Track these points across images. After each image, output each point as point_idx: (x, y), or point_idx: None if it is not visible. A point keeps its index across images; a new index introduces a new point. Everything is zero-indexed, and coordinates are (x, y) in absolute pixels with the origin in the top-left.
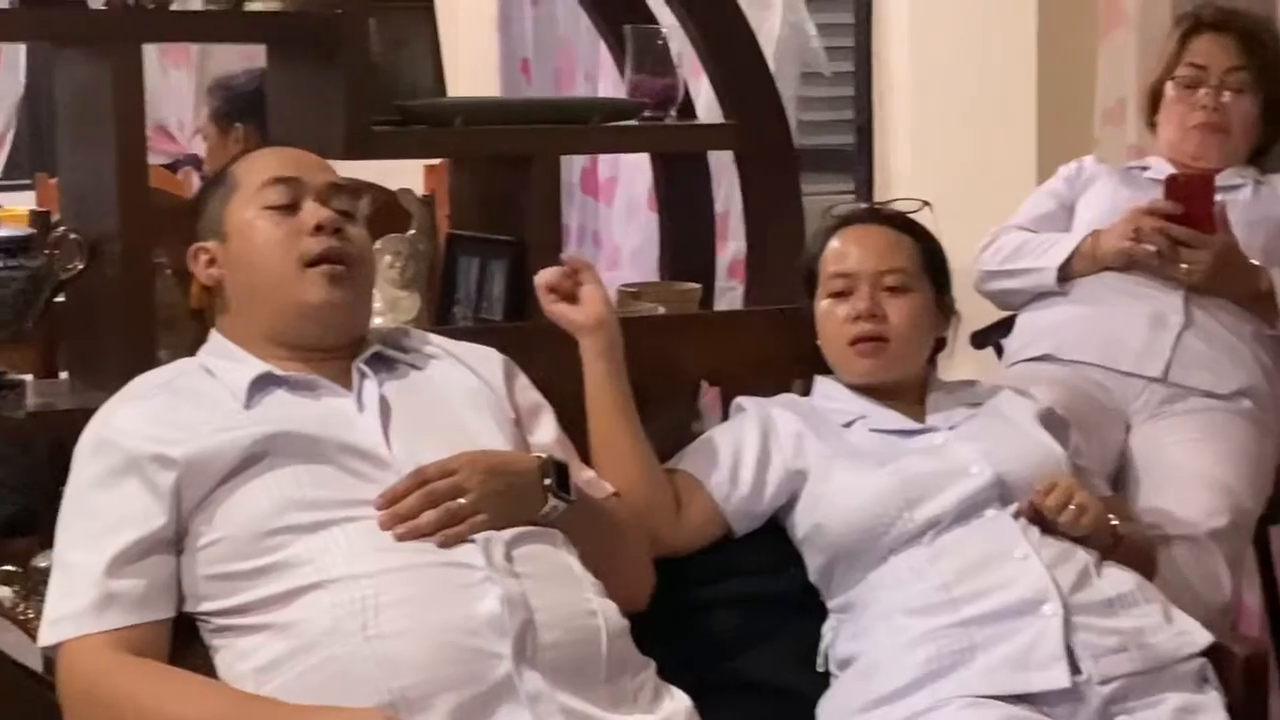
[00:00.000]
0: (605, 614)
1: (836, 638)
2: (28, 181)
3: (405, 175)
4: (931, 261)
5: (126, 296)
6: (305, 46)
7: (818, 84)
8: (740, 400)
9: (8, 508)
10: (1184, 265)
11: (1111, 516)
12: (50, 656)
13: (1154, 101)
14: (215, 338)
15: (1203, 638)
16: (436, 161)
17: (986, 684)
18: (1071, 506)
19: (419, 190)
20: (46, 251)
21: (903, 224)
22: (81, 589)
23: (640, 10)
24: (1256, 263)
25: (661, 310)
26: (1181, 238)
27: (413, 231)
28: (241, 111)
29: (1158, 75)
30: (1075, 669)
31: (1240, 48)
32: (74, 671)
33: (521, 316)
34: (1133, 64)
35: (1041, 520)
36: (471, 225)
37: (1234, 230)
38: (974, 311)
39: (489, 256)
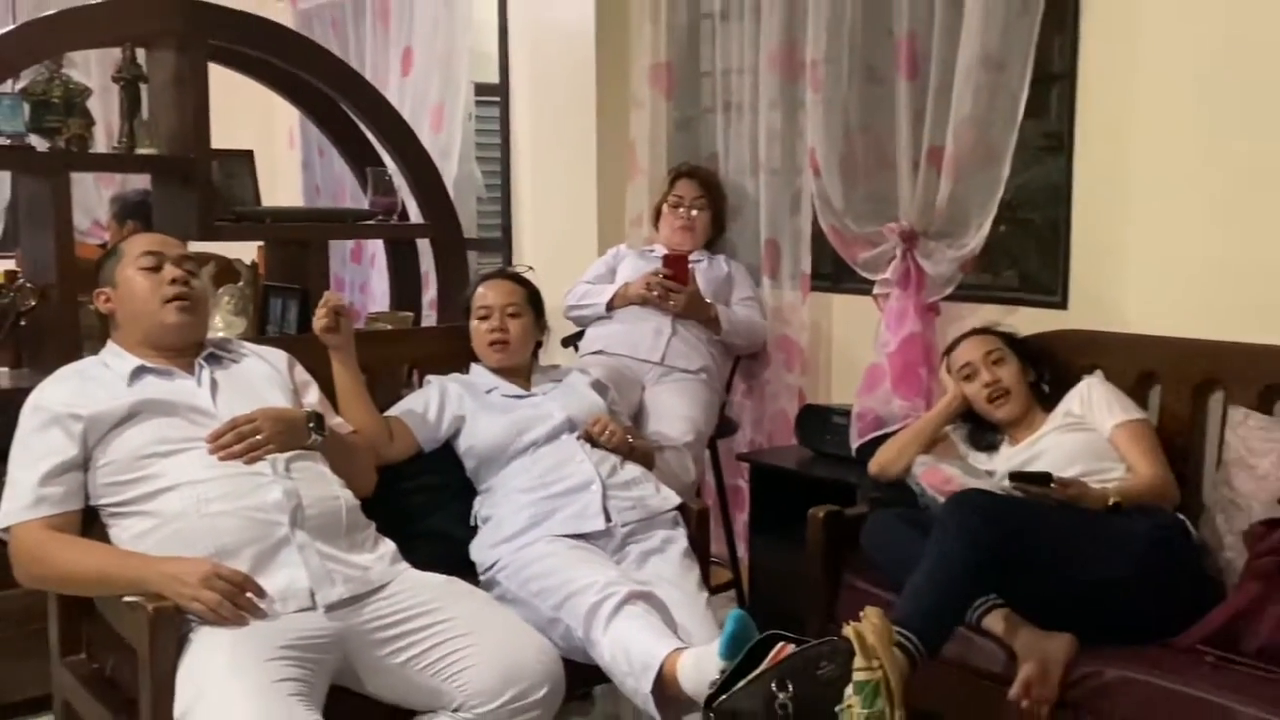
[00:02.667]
0: (344, 498)
1: (481, 507)
2: (11, 254)
3: (243, 250)
4: (533, 299)
5: (60, 321)
6: (174, 175)
7: (482, 203)
8: (429, 376)
9: None
10: (671, 302)
11: (630, 436)
12: (2, 538)
13: (656, 214)
14: (110, 344)
15: (675, 500)
16: (259, 242)
17: (561, 528)
18: (607, 432)
19: (249, 259)
20: (12, 294)
21: (518, 279)
22: (23, 494)
23: (376, 159)
24: (709, 301)
25: (389, 326)
26: (670, 287)
27: (242, 283)
28: (130, 213)
29: (658, 200)
30: (608, 519)
31: (701, 186)
32: (18, 543)
33: (303, 331)
34: (645, 194)
35: (592, 440)
36: (277, 279)
37: (697, 283)
38: (563, 326)
39: (287, 298)
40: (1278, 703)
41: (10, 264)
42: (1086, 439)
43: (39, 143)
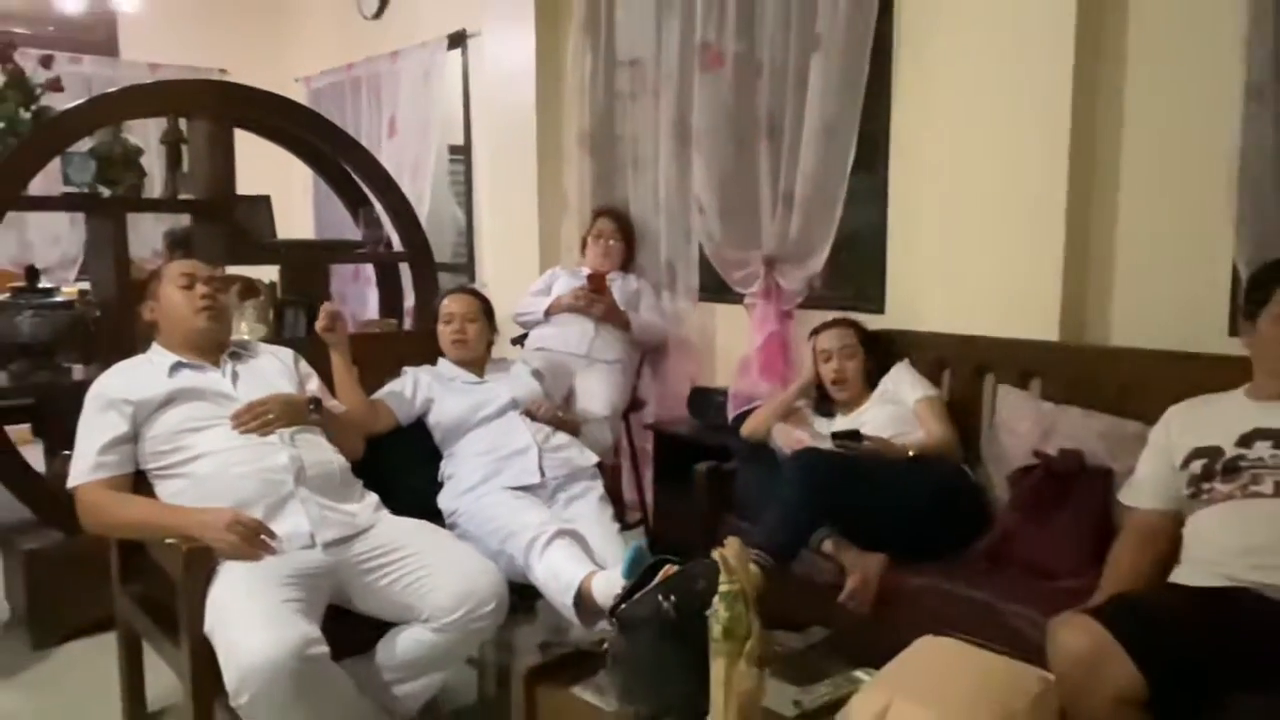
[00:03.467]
0: (338, 461)
1: (446, 467)
2: (85, 277)
3: (267, 272)
4: (486, 309)
5: (118, 328)
6: (208, 215)
7: (459, 235)
8: (405, 368)
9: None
10: (594, 309)
11: (559, 412)
12: (71, 491)
13: (583, 244)
14: (155, 345)
15: (593, 459)
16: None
17: (506, 482)
18: (542, 409)
19: (271, 278)
20: (83, 307)
21: (474, 293)
22: (85, 461)
23: (367, 202)
24: (623, 308)
25: (378, 330)
26: (593, 299)
27: (263, 297)
28: (177, 244)
29: (584, 233)
30: (543, 474)
31: (616, 222)
32: (83, 499)
33: (310, 333)
34: (575, 228)
35: (531, 415)
36: (290, 294)
37: (614, 295)
38: (514, 329)
39: (298, 308)
40: (1029, 599)
41: (84, 285)
42: (896, 410)
43: (103, 191)
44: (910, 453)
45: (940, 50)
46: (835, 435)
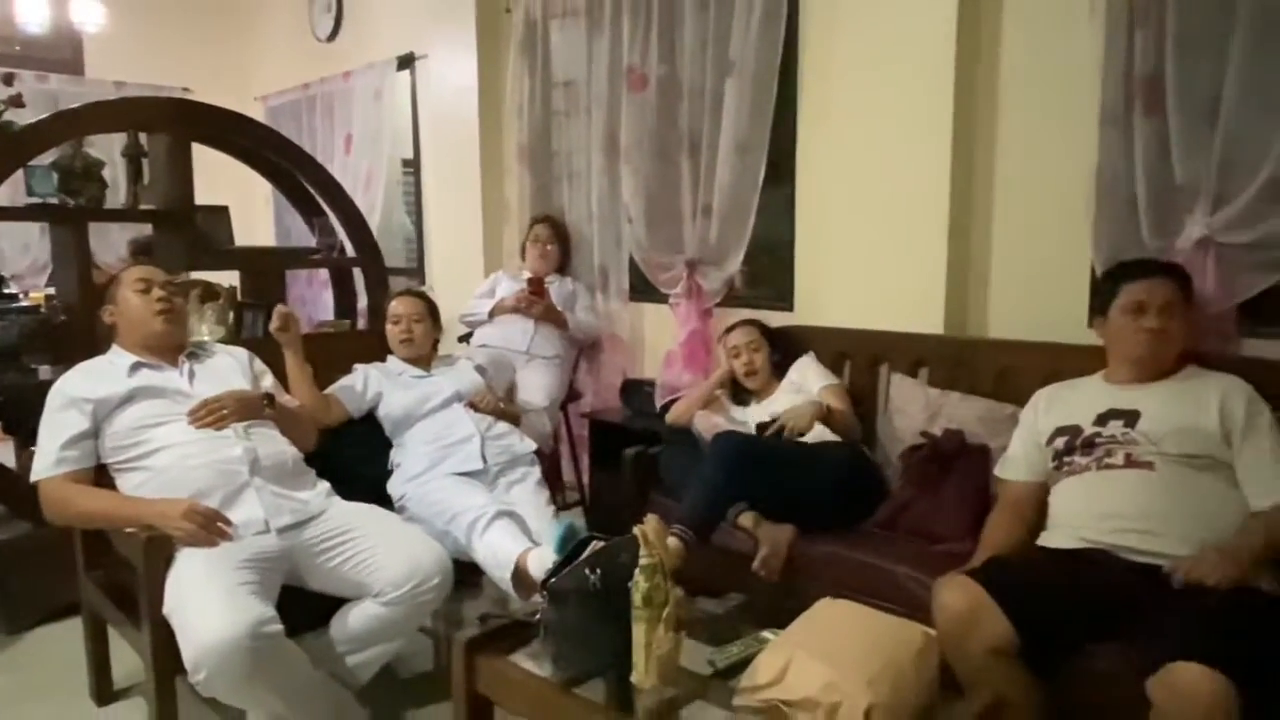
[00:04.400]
0: (290, 452)
1: (394, 456)
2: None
3: (228, 277)
4: (431, 310)
5: (82, 330)
6: (168, 224)
7: (408, 242)
8: (356, 365)
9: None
10: (534, 310)
11: (501, 404)
12: (34, 485)
13: (523, 249)
14: (115, 347)
15: (532, 446)
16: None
17: (451, 469)
18: (485, 401)
19: (232, 282)
20: (48, 312)
21: (420, 295)
22: (48, 457)
23: (321, 212)
24: (560, 309)
25: (332, 330)
26: (533, 300)
27: (222, 300)
28: (140, 251)
29: (524, 239)
30: (485, 461)
31: (553, 229)
32: (45, 492)
33: (267, 334)
34: (515, 235)
35: (475, 407)
36: (249, 297)
37: (552, 296)
38: (460, 328)
39: (257, 311)
40: (917, 562)
41: (51, 290)
42: (803, 398)
43: (65, 202)
44: (825, 409)
45: (840, 78)
46: (760, 427)
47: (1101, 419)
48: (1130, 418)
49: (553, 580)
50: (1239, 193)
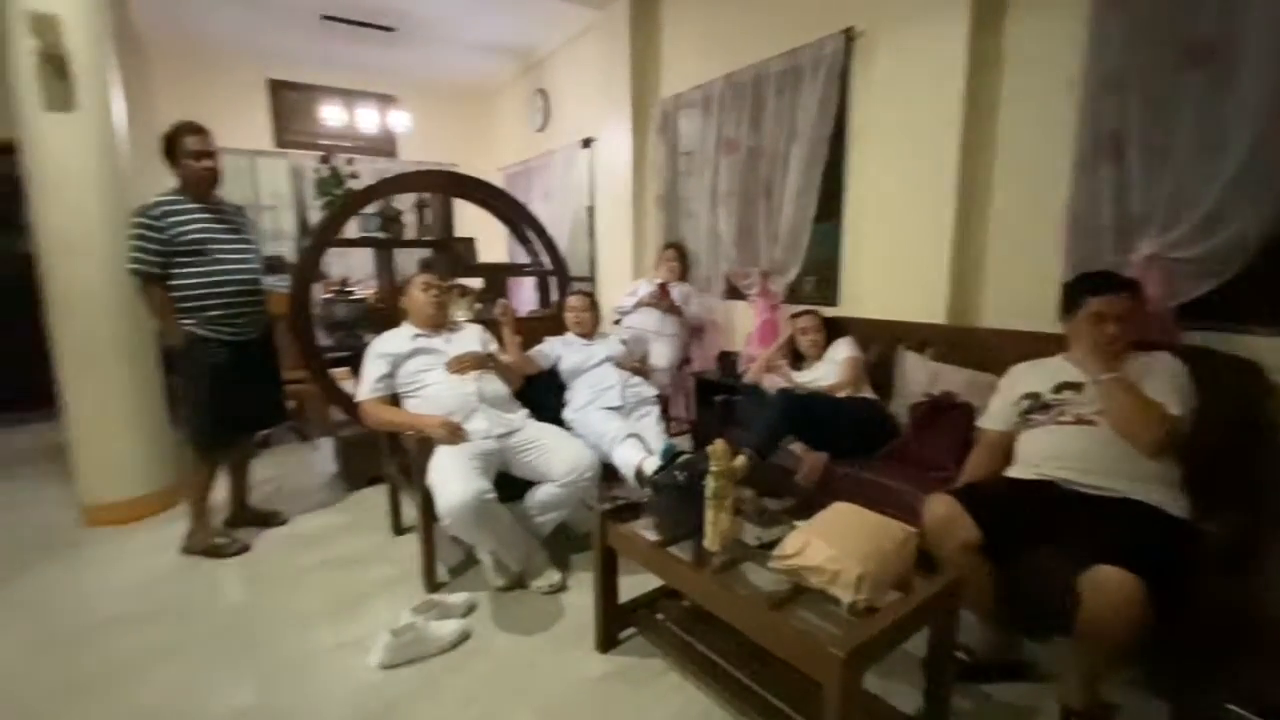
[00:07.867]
0: (505, 389)
1: (567, 396)
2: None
3: (474, 282)
4: (594, 304)
5: (389, 313)
6: (439, 248)
7: (586, 259)
8: (546, 337)
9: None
10: (661, 305)
11: (638, 364)
12: (357, 405)
13: (656, 265)
14: (405, 323)
15: (654, 392)
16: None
17: (602, 404)
18: (627, 362)
19: (476, 285)
20: (371, 301)
21: (588, 295)
22: (367, 385)
23: (529, 239)
24: (679, 304)
25: (534, 316)
26: (662, 298)
27: (470, 296)
28: (425, 265)
29: (657, 258)
30: (622, 400)
31: (676, 251)
32: (364, 408)
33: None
34: (652, 254)
35: (620, 366)
36: (487, 293)
37: (673, 296)
38: (613, 316)
39: (489, 302)
40: (914, 483)
41: (373, 289)
42: (838, 365)
43: (381, 235)
44: (842, 392)
45: (875, 139)
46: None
47: (1058, 389)
48: (1079, 388)
49: (656, 477)
50: (1183, 221)
